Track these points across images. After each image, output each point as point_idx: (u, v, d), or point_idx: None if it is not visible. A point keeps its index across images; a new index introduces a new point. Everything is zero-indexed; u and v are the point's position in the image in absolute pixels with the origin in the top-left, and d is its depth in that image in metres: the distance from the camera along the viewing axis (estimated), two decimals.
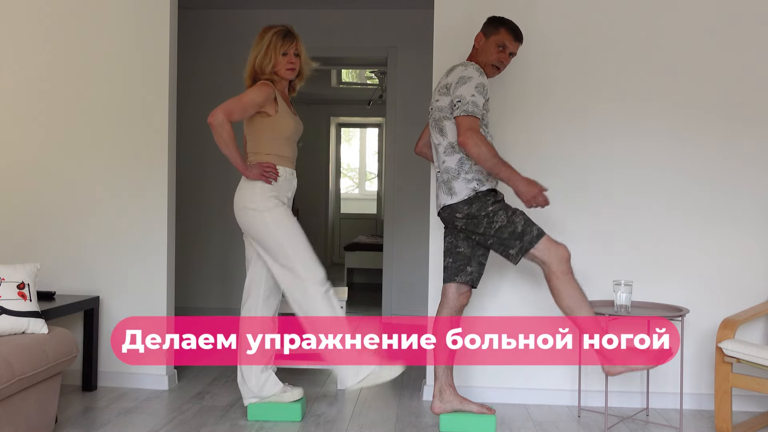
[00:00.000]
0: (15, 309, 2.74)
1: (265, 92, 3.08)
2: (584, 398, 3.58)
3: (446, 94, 3.06)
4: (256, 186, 3.09)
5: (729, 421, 3.07)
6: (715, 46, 3.57)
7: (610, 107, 3.61)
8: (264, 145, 3.15)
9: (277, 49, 3.13)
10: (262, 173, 3.06)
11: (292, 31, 3.19)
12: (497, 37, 3.13)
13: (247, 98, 3.04)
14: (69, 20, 3.80)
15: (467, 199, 3.03)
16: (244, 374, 3.24)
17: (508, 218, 2.99)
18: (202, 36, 5.99)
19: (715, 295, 3.58)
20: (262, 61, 3.13)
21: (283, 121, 3.16)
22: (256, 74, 3.16)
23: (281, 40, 3.14)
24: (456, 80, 3.02)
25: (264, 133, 3.15)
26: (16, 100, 3.84)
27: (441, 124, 3.09)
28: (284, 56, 3.14)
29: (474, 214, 3.03)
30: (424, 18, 5.80)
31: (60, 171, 3.82)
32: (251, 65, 3.17)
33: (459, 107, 2.96)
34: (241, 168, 3.05)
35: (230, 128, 2.96)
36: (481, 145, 2.91)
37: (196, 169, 5.98)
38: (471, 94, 2.96)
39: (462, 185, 3.04)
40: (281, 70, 3.15)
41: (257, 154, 3.15)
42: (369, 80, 9.73)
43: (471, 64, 3.07)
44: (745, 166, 3.57)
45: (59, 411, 3.30)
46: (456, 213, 3.06)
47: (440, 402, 3.17)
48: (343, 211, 10.76)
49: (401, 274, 5.89)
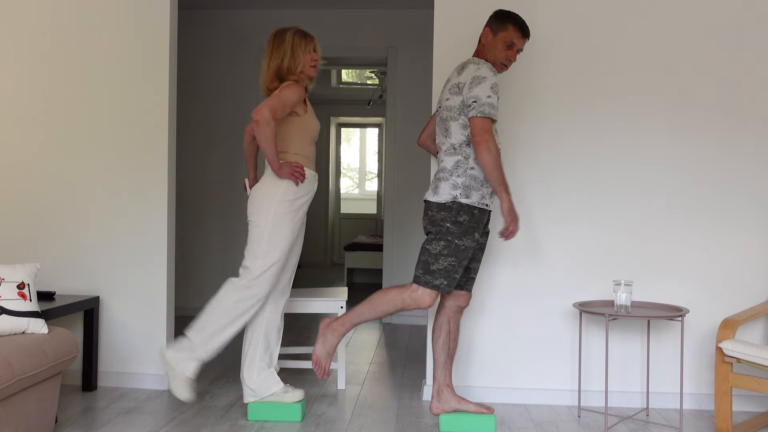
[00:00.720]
0: (15, 309, 2.74)
1: (299, 92, 3.11)
2: (584, 398, 3.58)
3: (457, 94, 3.00)
4: (282, 184, 3.11)
5: (729, 421, 3.07)
6: (716, 44, 3.57)
7: (610, 106, 3.61)
8: (293, 144, 3.17)
9: (302, 48, 3.15)
10: (293, 173, 3.08)
11: (307, 31, 3.22)
12: (505, 34, 3.08)
13: (285, 96, 3.05)
14: (69, 20, 3.80)
15: (442, 204, 2.98)
16: (246, 372, 3.24)
17: (440, 251, 2.96)
18: (202, 36, 5.99)
19: (715, 295, 3.58)
20: (291, 62, 3.14)
21: (311, 121, 3.21)
22: (281, 76, 3.16)
23: (303, 39, 3.17)
24: (470, 80, 2.96)
25: (294, 133, 3.17)
26: (16, 100, 3.84)
27: (447, 124, 3.05)
28: (308, 54, 3.17)
29: (436, 221, 3.00)
30: (424, 18, 5.82)
31: (60, 171, 3.82)
32: (275, 68, 3.15)
33: (475, 108, 2.92)
34: (275, 166, 3.06)
35: (275, 126, 2.98)
36: (493, 151, 2.89)
37: (197, 169, 5.98)
38: (487, 95, 2.92)
39: (446, 188, 2.99)
40: (307, 68, 3.17)
41: (286, 153, 3.17)
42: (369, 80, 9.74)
43: (483, 63, 3.00)
44: (746, 165, 3.57)
45: (59, 411, 3.31)
46: (428, 210, 3.04)
47: (438, 402, 3.17)
48: (343, 211, 10.76)
49: (401, 274, 5.90)
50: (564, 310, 3.61)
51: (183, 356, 3.08)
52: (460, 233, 2.96)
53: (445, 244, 2.96)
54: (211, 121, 5.96)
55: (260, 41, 5.90)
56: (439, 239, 2.97)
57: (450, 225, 2.96)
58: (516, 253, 3.62)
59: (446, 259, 2.96)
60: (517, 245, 3.62)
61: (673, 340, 3.59)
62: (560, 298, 3.61)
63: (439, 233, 2.98)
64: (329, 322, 3.10)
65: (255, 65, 5.89)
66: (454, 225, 2.96)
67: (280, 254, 3.12)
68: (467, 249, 2.99)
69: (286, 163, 3.09)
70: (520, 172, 3.63)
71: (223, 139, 5.94)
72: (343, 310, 3.75)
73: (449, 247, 2.96)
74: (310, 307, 3.74)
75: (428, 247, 3.00)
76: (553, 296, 3.61)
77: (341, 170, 10.86)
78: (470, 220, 2.97)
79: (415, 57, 5.85)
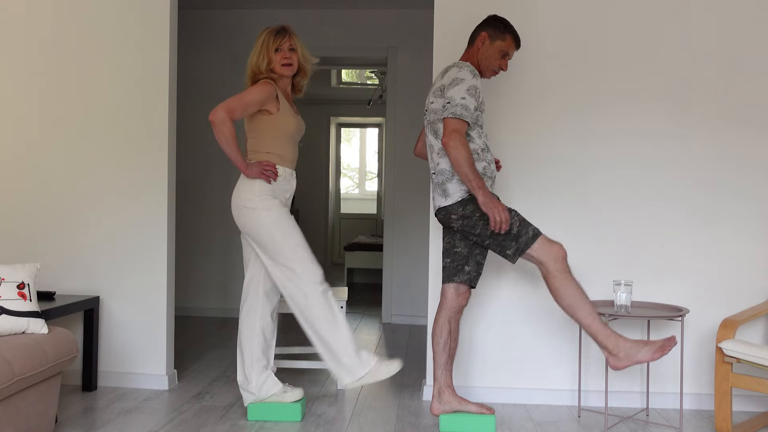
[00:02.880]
0: (15, 309, 2.74)
1: (266, 90, 3.09)
2: (584, 398, 3.58)
3: (441, 96, 3.06)
4: (254, 184, 3.09)
5: (729, 421, 3.07)
6: (715, 46, 3.57)
7: (609, 107, 3.61)
8: (265, 143, 3.16)
9: (269, 46, 3.16)
10: (262, 172, 3.07)
11: (285, 28, 3.21)
12: (503, 44, 3.15)
13: (248, 96, 3.05)
14: (69, 20, 3.80)
15: (461, 201, 3.03)
16: (244, 374, 3.24)
17: (498, 222, 2.96)
18: (202, 36, 5.99)
19: (715, 295, 3.58)
20: (257, 59, 3.16)
21: (285, 120, 3.17)
22: (255, 74, 3.18)
23: (273, 37, 3.17)
24: (449, 82, 3.03)
25: (265, 131, 3.16)
26: (15, 100, 3.84)
27: (435, 126, 3.10)
28: (278, 52, 3.16)
29: (469, 215, 3.03)
30: (424, 18, 5.82)
31: (60, 171, 3.82)
32: (249, 66, 3.20)
33: (447, 109, 2.98)
34: (241, 166, 3.06)
35: (231, 126, 2.97)
36: (461, 149, 2.92)
37: (198, 169, 5.98)
38: (461, 97, 2.97)
39: (456, 187, 3.04)
40: (277, 66, 3.17)
41: (257, 152, 3.16)
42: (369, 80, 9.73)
43: (465, 65, 3.05)
44: (745, 166, 3.57)
45: (59, 411, 3.31)
46: (451, 215, 3.07)
47: (439, 403, 3.17)
48: (343, 211, 10.76)
49: (401, 274, 5.89)
50: None
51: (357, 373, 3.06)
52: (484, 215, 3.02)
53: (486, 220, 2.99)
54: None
55: None
56: (482, 222, 3.01)
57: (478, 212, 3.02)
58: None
59: (513, 217, 2.99)
60: None
61: None
62: None
63: (482, 216, 3.00)
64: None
65: None
66: (478, 210, 3.01)
67: (298, 239, 3.11)
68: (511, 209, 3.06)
69: (255, 163, 3.09)
70: (521, 173, 3.62)
71: None
72: (342, 310, 3.74)
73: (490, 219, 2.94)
74: None
75: (485, 233, 3.01)
76: None
77: (341, 170, 10.86)
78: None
79: (415, 57, 5.84)
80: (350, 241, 9.08)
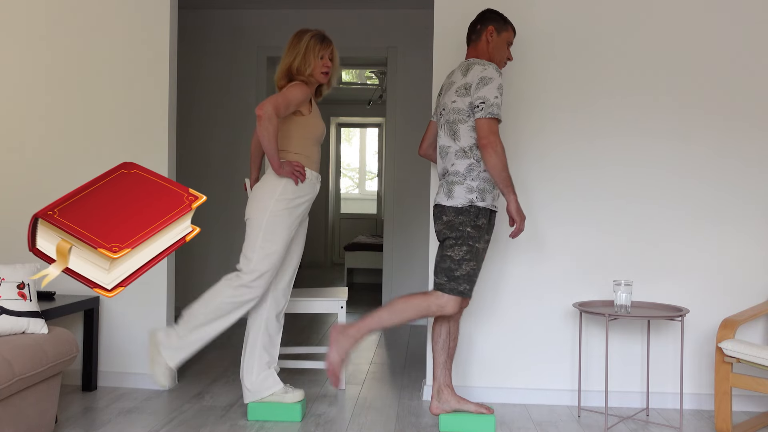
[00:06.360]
0: (15, 309, 2.74)
1: (305, 91, 3.11)
2: (584, 398, 3.58)
3: (465, 95, 2.99)
4: (278, 188, 3.10)
5: (729, 421, 3.07)
6: (717, 45, 3.57)
7: (610, 107, 3.61)
8: (293, 144, 3.18)
9: (315, 52, 3.16)
10: (293, 171, 3.08)
11: (327, 36, 3.23)
12: (508, 35, 3.17)
13: (290, 95, 3.06)
14: (69, 20, 3.80)
15: (460, 208, 2.98)
16: (245, 372, 3.24)
17: (463, 256, 2.96)
18: (202, 36, 5.99)
19: (715, 295, 3.58)
20: (301, 63, 3.16)
21: (315, 122, 3.21)
22: (291, 75, 3.18)
23: (319, 43, 3.18)
24: (477, 80, 2.96)
25: (296, 132, 3.18)
26: (15, 100, 3.84)
27: (455, 126, 3.03)
28: (321, 60, 3.18)
29: (455, 226, 2.98)
30: (424, 18, 5.82)
31: (60, 171, 3.82)
32: (287, 66, 3.18)
33: (483, 109, 2.92)
34: (276, 164, 3.06)
35: (276, 122, 2.98)
36: (501, 153, 2.91)
37: (197, 168, 5.98)
38: (495, 96, 2.93)
39: (462, 192, 2.99)
40: (317, 72, 3.18)
41: (286, 152, 3.17)
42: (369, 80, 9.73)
43: (489, 64, 3.01)
44: (746, 166, 3.57)
45: (59, 411, 3.31)
46: (442, 215, 3.03)
47: (438, 402, 3.17)
48: (343, 211, 10.76)
49: (401, 274, 5.90)
50: (564, 310, 3.61)
51: (171, 344, 3.08)
52: (479, 236, 2.99)
53: (467, 248, 2.96)
54: (211, 121, 5.96)
55: (260, 41, 5.91)
56: (461, 244, 2.96)
57: (470, 229, 2.96)
58: (516, 253, 3.62)
59: (469, 264, 2.96)
60: (518, 245, 3.62)
61: (673, 340, 3.59)
62: (560, 298, 3.61)
63: (460, 238, 2.96)
64: (343, 328, 3.03)
65: (255, 65, 5.90)
66: (474, 229, 2.97)
67: (275, 259, 3.09)
68: (483, 251, 3.05)
69: (287, 162, 3.09)
70: (522, 173, 3.62)
71: (223, 138, 5.94)
72: (342, 310, 3.75)
73: (471, 251, 2.96)
74: (310, 307, 3.75)
75: (449, 253, 2.98)
76: (554, 296, 3.61)
77: (341, 170, 10.86)
78: (486, 223, 3.01)
79: (415, 57, 5.85)
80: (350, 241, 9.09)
